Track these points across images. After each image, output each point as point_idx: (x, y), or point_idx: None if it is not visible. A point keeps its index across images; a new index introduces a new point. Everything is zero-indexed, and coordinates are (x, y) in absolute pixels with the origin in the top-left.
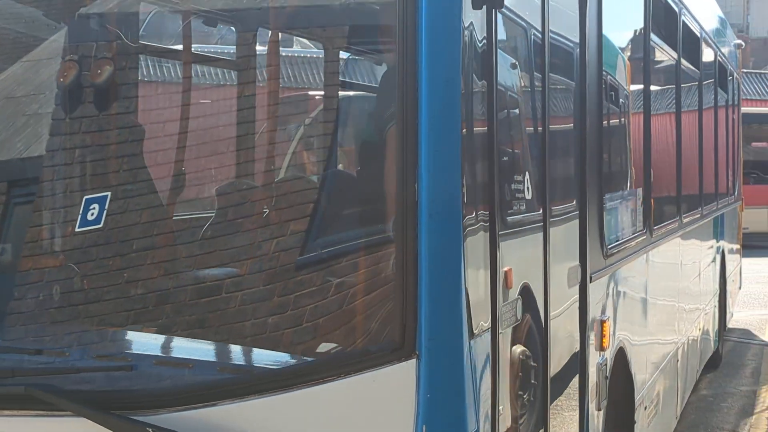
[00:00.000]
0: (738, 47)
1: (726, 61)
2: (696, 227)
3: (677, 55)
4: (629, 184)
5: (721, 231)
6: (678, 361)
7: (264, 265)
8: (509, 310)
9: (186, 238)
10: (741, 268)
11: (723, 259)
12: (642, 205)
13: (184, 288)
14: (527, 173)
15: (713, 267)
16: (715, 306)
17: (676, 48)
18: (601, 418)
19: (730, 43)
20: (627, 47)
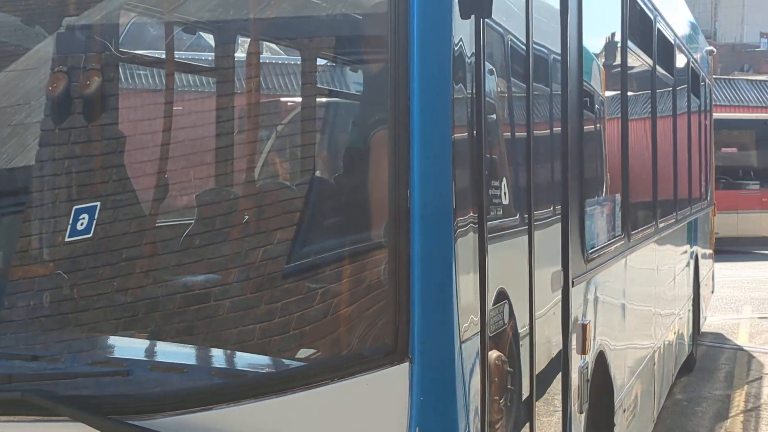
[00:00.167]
0: (710, 53)
1: (698, 67)
2: (671, 232)
3: (652, 62)
4: (608, 189)
5: (695, 236)
6: (655, 365)
7: (258, 271)
8: (497, 314)
9: (180, 245)
10: (714, 272)
11: (696, 264)
12: (620, 210)
13: (185, 294)
14: (513, 179)
15: (687, 271)
16: (689, 310)
17: (651, 55)
18: (583, 420)
19: (702, 50)
20: (606, 55)
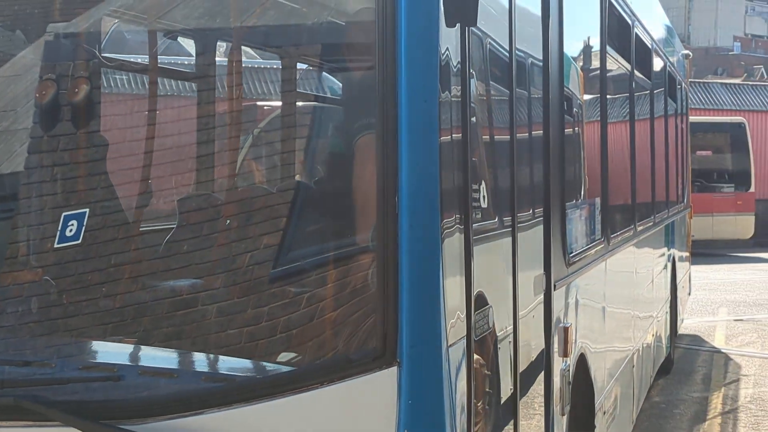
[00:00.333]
0: (686, 57)
1: (675, 71)
2: (649, 235)
3: (631, 67)
4: (588, 193)
5: (672, 238)
6: (634, 367)
7: (247, 276)
8: (482, 318)
9: (169, 250)
10: (690, 274)
11: (674, 266)
12: (600, 214)
13: (175, 299)
14: (498, 184)
15: (665, 274)
16: (667, 312)
17: (629, 60)
18: (565, 422)
19: (678, 53)
20: (585, 60)
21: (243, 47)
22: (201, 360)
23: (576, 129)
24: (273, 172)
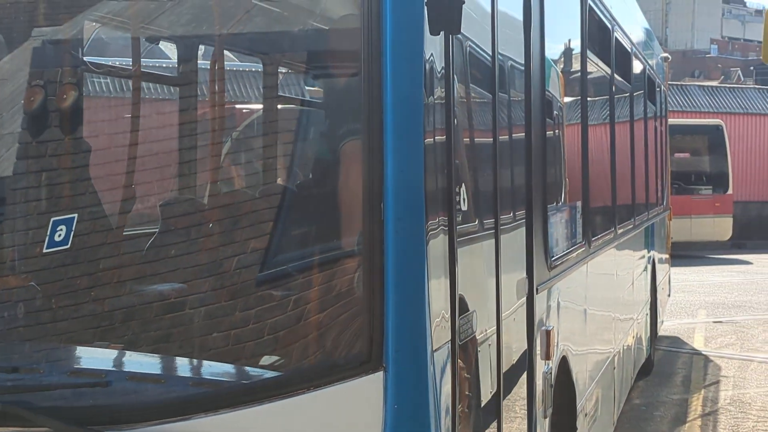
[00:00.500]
0: (665, 60)
1: (654, 74)
2: (629, 237)
3: (611, 70)
4: (569, 196)
5: (652, 240)
6: (614, 369)
7: (234, 281)
8: (466, 322)
9: (157, 255)
10: (670, 276)
11: (654, 268)
12: (581, 217)
13: (162, 305)
14: (481, 189)
15: (645, 276)
16: (647, 314)
17: (609, 63)
18: (547, 425)
19: (657, 56)
20: (567, 64)
21: (233, 53)
22: (188, 365)
23: (557, 132)
24: (259, 177)
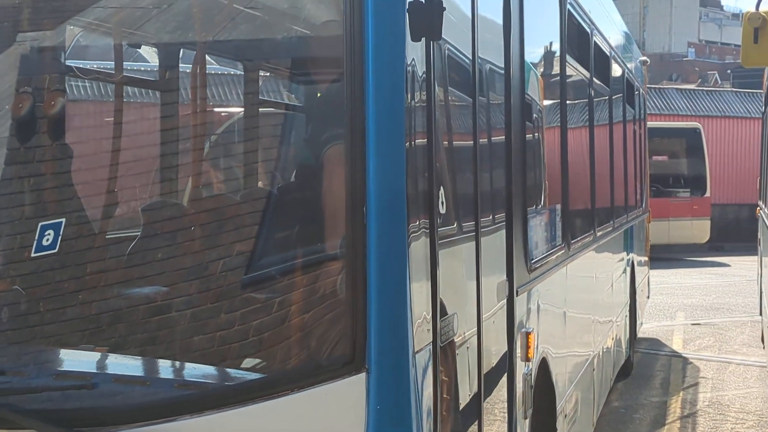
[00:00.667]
0: (643, 63)
1: (633, 78)
2: (608, 240)
3: (590, 74)
4: (549, 198)
5: (631, 243)
6: (594, 370)
7: (219, 284)
8: (447, 324)
9: (142, 258)
10: (649, 278)
11: (633, 270)
12: (560, 220)
13: (147, 307)
14: (462, 192)
15: (624, 278)
16: (627, 316)
17: (588, 67)
18: (528, 426)
19: (636, 60)
20: (546, 68)
21: (216, 58)
22: (173, 367)
23: (537, 135)
24: (243, 181)
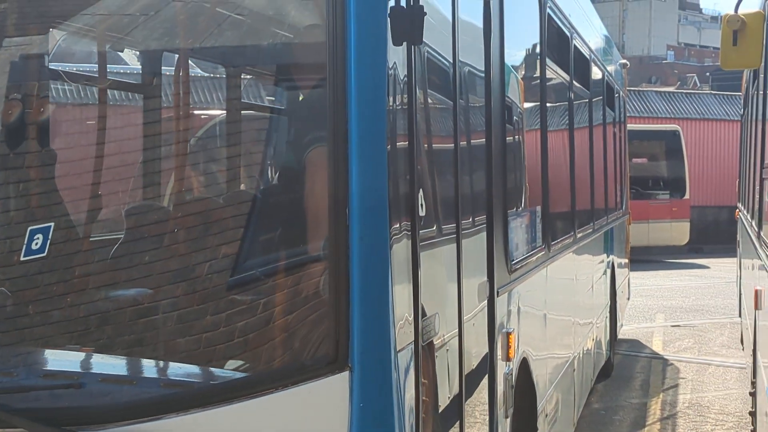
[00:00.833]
0: (623, 66)
1: (613, 81)
2: (588, 242)
3: (569, 77)
4: (529, 200)
5: (611, 245)
6: (574, 371)
7: (204, 285)
8: (429, 324)
9: (129, 261)
10: (629, 280)
11: (613, 272)
12: (541, 221)
13: (134, 308)
14: (443, 194)
15: (604, 280)
16: (607, 317)
17: (568, 70)
18: (509, 425)
19: (616, 63)
20: (526, 71)
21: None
22: (159, 367)
23: (517, 138)
24: (225, 184)
